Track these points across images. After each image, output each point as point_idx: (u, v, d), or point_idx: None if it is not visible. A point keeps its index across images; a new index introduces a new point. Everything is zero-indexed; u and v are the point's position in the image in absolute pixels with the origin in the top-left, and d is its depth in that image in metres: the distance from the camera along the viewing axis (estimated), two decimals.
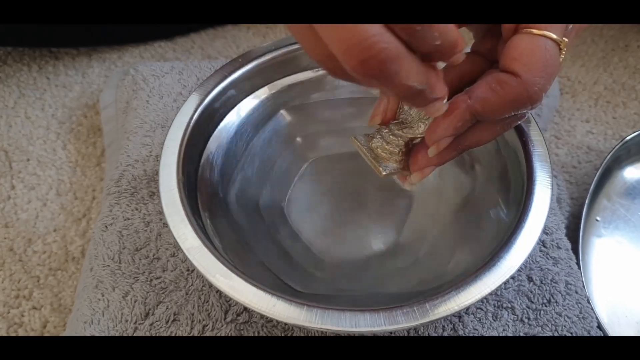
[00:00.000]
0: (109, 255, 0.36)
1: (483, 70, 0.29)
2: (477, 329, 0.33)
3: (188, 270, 0.36)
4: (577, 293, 0.35)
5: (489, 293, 0.27)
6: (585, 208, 0.41)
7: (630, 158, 0.46)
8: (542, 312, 0.34)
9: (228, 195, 0.36)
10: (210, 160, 0.36)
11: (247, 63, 0.37)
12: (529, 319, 0.34)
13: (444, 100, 0.24)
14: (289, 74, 0.39)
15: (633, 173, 0.46)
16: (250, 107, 0.38)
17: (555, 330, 0.33)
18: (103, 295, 0.35)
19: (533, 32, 0.24)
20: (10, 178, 0.48)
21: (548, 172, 0.31)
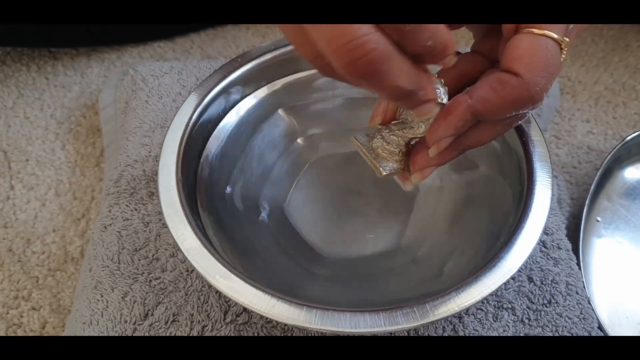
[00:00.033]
0: (108, 256, 0.36)
1: (483, 70, 0.28)
2: (477, 330, 0.33)
3: (187, 271, 0.36)
4: (577, 294, 0.35)
5: (489, 294, 0.27)
6: (586, 208, 0.41)
7: (631, 158, 0.46)
8: (542, 312, 0.34)
9: (227, 195, 0.36)
10: (210, 160, 0.35)
11: (246, 63, 0.37)
12: (530, 320, 0.34)
13: (436, 102, 0.24)
14: (289, 74, 0.39)
15: (633, 173, 0.46)
16: (250, 107, 0.38)
17: (556, 331, 0.33)
18: (102, 296, 0.35)
19: (534, 31, 0.24)
20: (9, 178, 0.48)
21: (548, 172, 0.31)
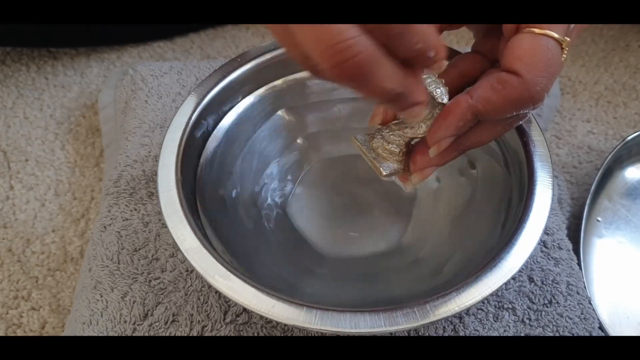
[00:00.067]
0: (108, 256, 0.36)
1: (484, 70, 0.28)
2: (477, 330, 0.33)
3: (187, 271, 0.35)
4: (578, 294, 0.35)
5: (490, 294, 0.27)
6: (586, 208, 0.40)
7: (631, 158, 0.46)
8: (543, 313, 0.34)
9: (227, 195, 0.36)
10: (209, 160, 0.35)
11: (246, 63, 0.37)
12: (530, 320, 0.34)
13: (425, 105, 0.24)
14: (288, 74, 0.39)
15: (634, 173, 0.46)
16: (250, 106, 0.38)
17: (557, 331, 0.33)
18: (102, 296, 0.35)
19: (535, 31, 0.24)
20: (9, 178, 0.48)
21: (549, 172, 0.31)
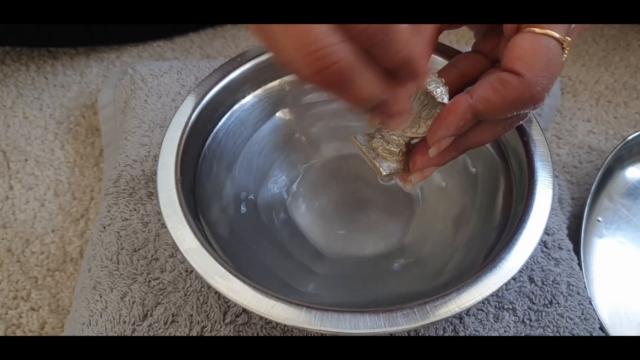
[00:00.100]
0: (107, 256, 0.36)
1: (484, 70, 0.28)
2: (478, 331, 0.33)
3: (187, 271, 0.35)
4: (579, 294, 0.35)
5: (490, 294, 0.27)
6: (587, 208, 0.40)
7: (632, 158, 0.46)
8: (543, 313, 0.34)
9: (226, 195, 0.36)
10: (209, 160, 0.35)
11: (245, 62, 0.37)
12: (531, 320, 0.34)
13: (406, 116, 0.24)
14: (288, 73, 0.39)
15: (635, 173, 0.46)
16: (249, 106, 0.38)
17: (557, 332, 0.33)
18: (101, 297, 0.34)
19: (535, 31, 0.24)
20: (8, 178, 0.47)
21: (550, 172, 0.31)
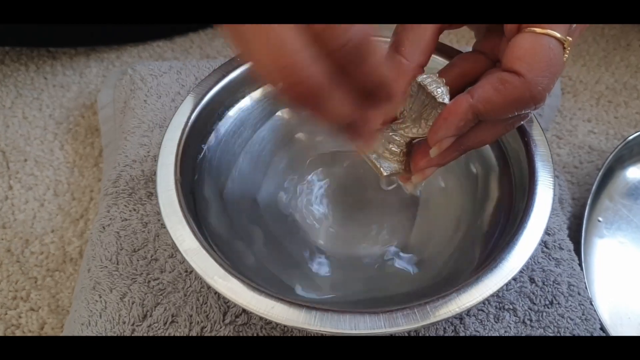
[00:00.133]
0: (107, 257, 0.36)
1: (485, 70, 0.28)
2: (478, 331, 0.33)
3: (186, 272, 0.35)
4: (579, 294, 0.35)
5: (491, 295, 0.27)
6: (587, 208, 0.40)
7: (633, 158, 0.46)
8: (544, 313, 0.34)
9: (226, 195, 0.36)
10: (209, 160, 0.35)
11: (245, 62, 0.37)
12: (531, 321, 0.33)
13: (376, 138, 0.23)
14: None
15: (635, 173, 0.45)
16: (249, 106, 0.38)
17: (558, 332, 0.33)
18: (100, 297, 0.34)
19: (536, 30, 0.24)
20: (8, 178, 0.47)
21: (550, 172, 0.31)
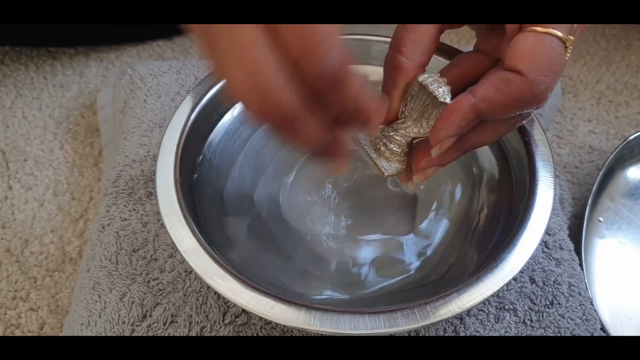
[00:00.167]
0: (106, 256, 0.36)
1: (486, 69, 0.28)
2: (478, 331, 0.33)
3: (186, 272, 0.35)
4: (580, 295, 0.34)
5: (491, 295, 0.26)
6: (588, 209, 0.40)
7: (633, 158, 0.45)
8: (544, 313, 0.34)
9: (225, 195, 0.36)
10: (208, 160, 0.35)
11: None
12: (532, 321, 0.33)
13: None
14: None
15: (636, 173, 0.45)
16: None
17: (558, 332, 0.33)
18: (100, 297, 0.34)
19: (538, 30, 0.24)
20: (7, 178, 0.47)
21: (551, 172, 0.31)
